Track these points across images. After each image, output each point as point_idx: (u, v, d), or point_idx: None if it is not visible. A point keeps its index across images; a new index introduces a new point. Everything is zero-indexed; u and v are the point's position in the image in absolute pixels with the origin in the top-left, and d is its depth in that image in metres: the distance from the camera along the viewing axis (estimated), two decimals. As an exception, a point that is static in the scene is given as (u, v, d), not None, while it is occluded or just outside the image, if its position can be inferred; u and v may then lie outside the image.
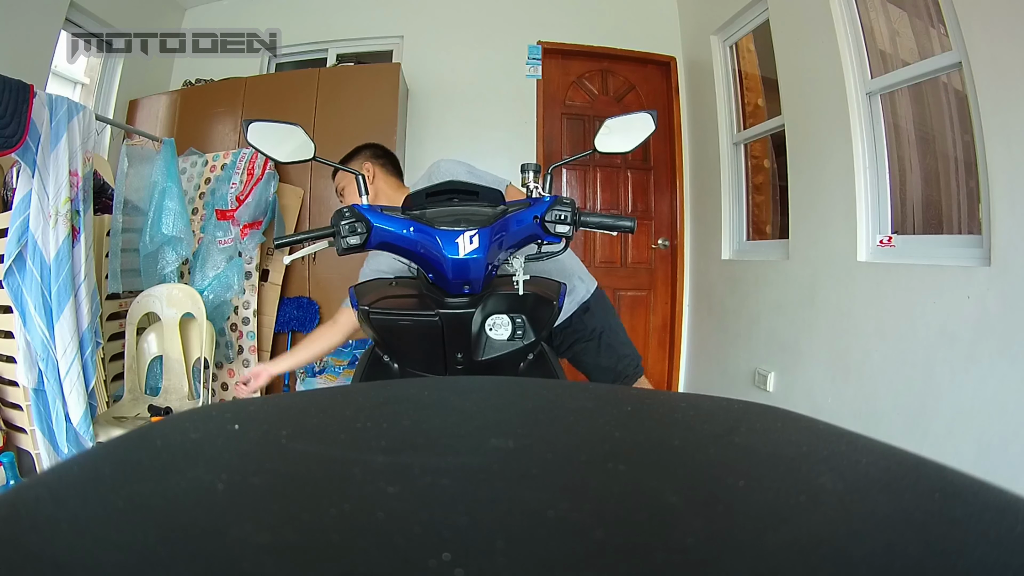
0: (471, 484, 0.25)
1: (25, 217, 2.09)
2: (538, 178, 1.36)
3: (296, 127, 1.26)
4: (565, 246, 1.33)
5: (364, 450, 0.30)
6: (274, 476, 0.27)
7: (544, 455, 0.29)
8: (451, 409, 0.39)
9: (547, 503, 0.23)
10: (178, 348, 2.75)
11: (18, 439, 2.32)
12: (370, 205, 1.26)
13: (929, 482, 0.26)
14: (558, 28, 4.08)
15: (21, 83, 2.05)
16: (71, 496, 0.25)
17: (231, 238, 3.20)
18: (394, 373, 1.38)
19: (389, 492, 0.24)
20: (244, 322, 3.36)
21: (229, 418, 0.35)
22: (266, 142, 1.24)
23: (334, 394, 0.45)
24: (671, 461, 0.29)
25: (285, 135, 1.25)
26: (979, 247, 1.97)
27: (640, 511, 0.23)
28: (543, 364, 1.42)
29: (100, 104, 3.70)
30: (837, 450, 0.30)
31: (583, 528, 0.21)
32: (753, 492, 0.25)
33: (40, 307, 2.13)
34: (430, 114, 3.99)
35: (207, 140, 3.65)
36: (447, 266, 1.16)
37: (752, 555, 0.20)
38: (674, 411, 0.39)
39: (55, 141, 2.14)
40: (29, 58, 3.00)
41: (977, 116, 1.92)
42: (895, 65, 2.42)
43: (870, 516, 0.23)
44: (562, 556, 0.19)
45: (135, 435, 0.33)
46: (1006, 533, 0.21)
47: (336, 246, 1.20)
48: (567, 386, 0.44)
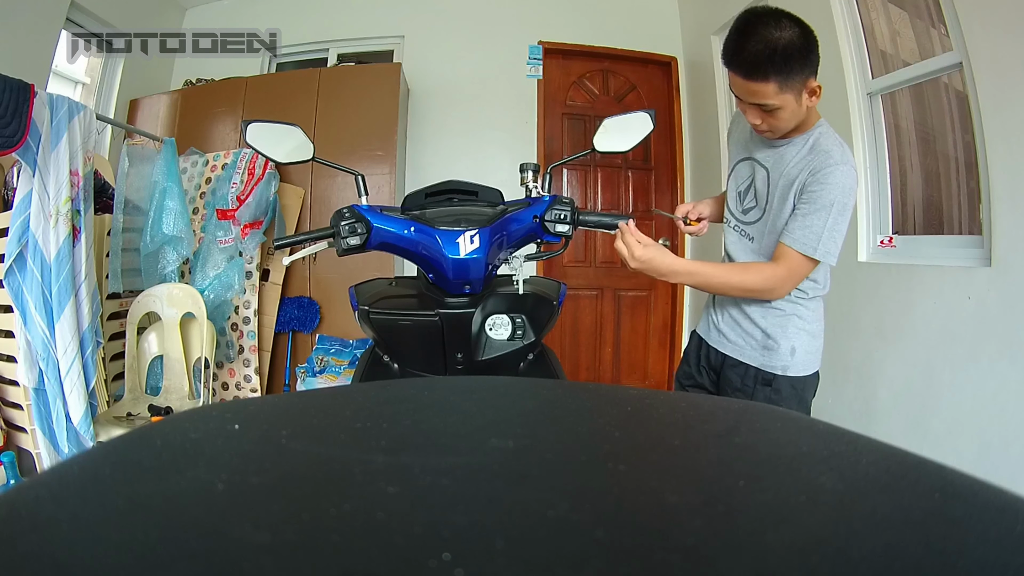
0: (471, 484, 0.25)
1: (26, 217, 2.09)
2: (537, 177, 1.36)
3: (295, 127, 1.26)
4: (564, 245, 1.33)
5: (364, 450, 0.30)
6: (274, 476, 0.27)
7: (544, 455, 0.29)
8: (451, 409, 0.39)
9: (547, 503, 0.23)
10: (179, 348, 2.75)
11: (18, 438, 2.32)
12: (370, 206, 1.26)
13: (929, 482, 0.26)
14: (559, 28, 4.07)
15: (22, 83, 2.05)
16: (71, 496, 0.25)
17: (232, 238, 3.20)
18: (394, 373, 1.38)
19: (389, 492, 0.24)
20: (245, 322, 3.36)
21: (229, 418, 0.35)
22: (265, 143, 1.24)
23: (334, 394, 0.45)
24: (671, 461, 0.29)
25: (284, 136, 1.26)
26: (980, 248, 1.97)
27: (640, 511, 0.23)
28: (543, 364, 1.41)
29: (101, 104, 3.70)
30: (837, 450, 0.30)
31: (583, 528, 0.21)
32: (753, 492, 0.25)
33: (41, 306, 2.13)
34: (431, 114, 3.99)
35: (208, 140, 3.64)
36: (448, 266, 1.16)
37: (752, 555, 0.20)
38: (674, 411, 0.39)
39: (56, 141, 2.14)
40: (30, 58, 3.00)
41: (978, 116, 1.92)
42: (896, 65, 2.42)
43: (870, 516, 0.23)
44: (562, 556, 0.19)
45: (135, 435, 0.33)
46: (1006, 533, 0.21)
47: (336, 247, 1.20)
48: (567, 386, 0.44)
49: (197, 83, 3.88)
